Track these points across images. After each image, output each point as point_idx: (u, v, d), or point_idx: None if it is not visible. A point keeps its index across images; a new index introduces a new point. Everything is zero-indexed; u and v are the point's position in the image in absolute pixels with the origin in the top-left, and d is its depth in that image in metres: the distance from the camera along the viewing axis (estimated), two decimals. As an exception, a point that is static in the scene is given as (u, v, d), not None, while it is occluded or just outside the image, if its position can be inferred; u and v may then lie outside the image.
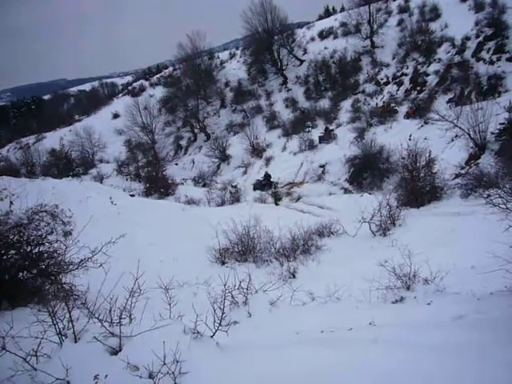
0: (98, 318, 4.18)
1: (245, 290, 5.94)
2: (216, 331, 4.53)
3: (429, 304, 6.29)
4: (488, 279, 6.83)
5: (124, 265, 7.08)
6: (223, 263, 13.22)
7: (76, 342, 4.12)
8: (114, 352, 3.91)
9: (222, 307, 4.82)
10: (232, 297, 5.76)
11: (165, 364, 3.58)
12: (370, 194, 23.37)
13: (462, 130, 21.79)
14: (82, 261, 9.75)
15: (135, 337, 3.96)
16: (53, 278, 9.57)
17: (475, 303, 6.03)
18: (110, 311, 4.40)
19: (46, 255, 9.87)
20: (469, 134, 21.63)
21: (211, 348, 4.13)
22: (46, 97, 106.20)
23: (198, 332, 4.20)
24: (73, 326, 4.14)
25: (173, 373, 3.58)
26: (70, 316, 4.19)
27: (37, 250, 9.84)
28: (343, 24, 53.98)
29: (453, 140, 24.27)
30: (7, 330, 4.24)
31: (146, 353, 3.66)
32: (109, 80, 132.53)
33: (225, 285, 5.29)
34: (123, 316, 4.35)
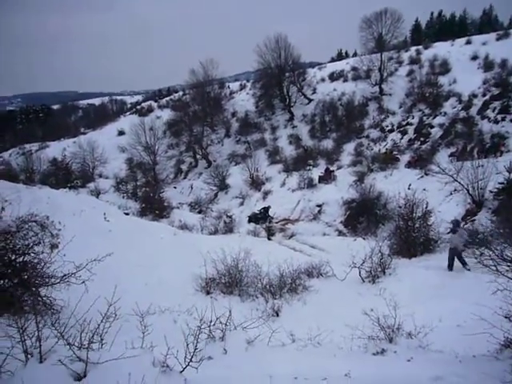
0: (66, 341, 4.05)
1: (223, 326, 5.78)
2: (186, 367, 4.38)
3: (409, 361, 6.15)
4: (473, 341, 6.69)
5: (107, 285, 6.94)
6: (208, 293, 12.99)
7: (41, 362, 3.99)
8: (78, 378, 3.78)
9: (194, 343, 4.66)
10: (210, 331, 5.61)
11: (128, 397, 3.45)
12: (363, 238, 23.28)
13: (462, 185, 21.90)
14: (64, 275, 9.56)
15: (102, 364, 3.83)
16: (33, 289, 9.38)
17: (456, 365, 5.90)
18: (81, 334, 4.27)
19: (29, 266, 9.71)
20: (467, 190, 21.72)
21: (179, 384, 3.99)
22: (56, 106, 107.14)
23: (167, 366, 4.07)
24: (40, 346, 4.01)
25: (134, 407, 3.45)
26: (39, 334, 4.06)
27: (21, 259, 9.69)
28: (354, 68, 55.18)
29: (451, 194, 24.42)
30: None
31: (111, 382, 3.53)
32: (119, 97, 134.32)
33: (201, 319, 5.14)
34: (94, 340, 4.22)
